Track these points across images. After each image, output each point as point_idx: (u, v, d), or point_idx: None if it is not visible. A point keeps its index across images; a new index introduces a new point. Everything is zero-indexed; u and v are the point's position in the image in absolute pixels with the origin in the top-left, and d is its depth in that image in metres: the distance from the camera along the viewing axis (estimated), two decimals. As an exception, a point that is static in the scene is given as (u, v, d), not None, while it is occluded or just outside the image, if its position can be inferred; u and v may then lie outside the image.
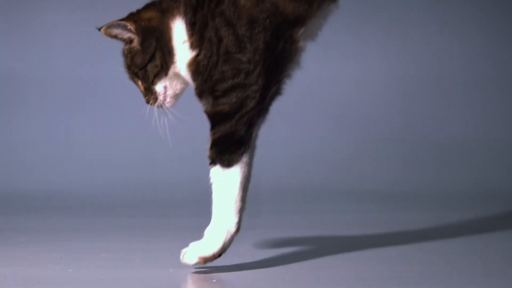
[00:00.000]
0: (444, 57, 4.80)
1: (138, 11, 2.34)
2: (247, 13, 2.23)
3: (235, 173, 2.22)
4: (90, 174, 4.42)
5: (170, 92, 2.33)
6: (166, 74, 2.31)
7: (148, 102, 2.35)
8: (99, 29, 2.32)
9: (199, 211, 2.37)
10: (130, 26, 2.30)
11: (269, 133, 2.38)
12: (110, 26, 2.32)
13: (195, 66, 2.26)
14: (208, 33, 2.25)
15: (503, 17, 4.85)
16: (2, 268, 2.40)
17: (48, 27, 4.75)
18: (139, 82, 2.35)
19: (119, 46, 2.42)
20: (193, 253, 2.24)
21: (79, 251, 2.73)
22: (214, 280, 2.22)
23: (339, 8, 2.32)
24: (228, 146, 2.22)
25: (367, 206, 3.92)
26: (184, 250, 2.25)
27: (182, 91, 2.36)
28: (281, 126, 2.40)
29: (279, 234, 2.98)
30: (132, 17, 2.32)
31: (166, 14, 2.30)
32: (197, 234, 2.29)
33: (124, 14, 2.38)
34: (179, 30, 2.28)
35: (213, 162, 2.23)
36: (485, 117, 4.71)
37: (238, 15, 2.23)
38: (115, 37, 2.33)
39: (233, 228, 2.24)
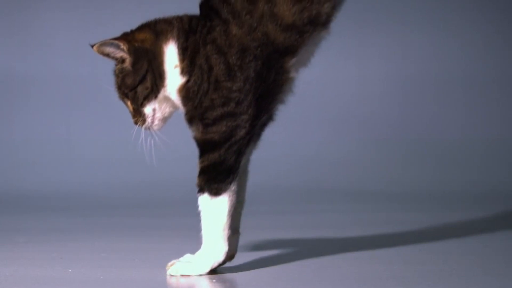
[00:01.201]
0: (444, 57, 4.80)
1: (132, 31, 2.32)
2: (238, 42, 2.22)
3: (223, 201, 2.22)
4: (90, 174, 4.42)
5: (158, 114, 2.31)
6: (155, 97, 2.29)
7: (136, 123, 2.33)
8: (92, 46, 2.31)
9: (199, 212, 2.37)
10: (123, 45, 2.28)
11: (269, 133, 2.39)
12: (103, 44, 2.30)
13: (185, 92, 2.26)
14: (199, 60, 2.24)
15: (502, 18, 4.85)
16: (2, 268, 2.40)
17: (48, 27, 4.76)
18: (128, 103, 2.33)
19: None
20: (179, 269, 2.25)
21: (79, 251, 2.74)
22: (214, 280, 2.22)
23: (331, 34, 2.32)
24: (217, 175, 2.22)
25: (367, 206, 3.92)
26: (171, 263, 2.26)
27: (171, 114, 2.34)
28: (281, 127, 2.41)
29: (279, 234, 2.98)
30: (126, 37, 2.30)
31: (159, 37, 2.28)
32: (197, 234, 2.29)
33: (123, 14, 2.37)
34: (171, 54, 2.27)
35: (201, 190, 2.23)
36: (485, 117, 4.72)
37: (230, 44, 2.22)
38: (107, 55, 2.31)
39: (221, 258, 2.25)
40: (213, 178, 2.22)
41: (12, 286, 2.18)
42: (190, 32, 2.27)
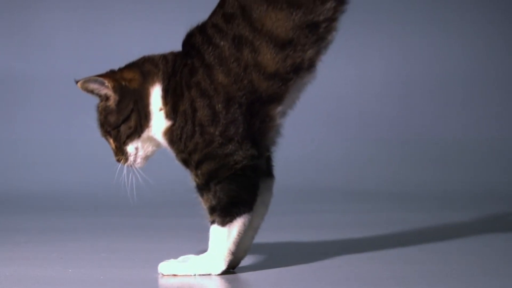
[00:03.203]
0: (444, 57, 4.80)
1: (120, 70, 2.31)
2: (224, 90, 2.22)
3: (229, 231, 2.22)
4: (90, 174, 4.42)
5: (141, 153, 2.32)
6: (139, 136, 2.29)
7: (118, 161, 2.33)
8: (76, 82, 2.29)
9: (199, 212, 2.37)
10: (107, 83, 2.27)
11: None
12: (87, 80, 2.29)
13: (169, 135, 2.26)
14: (183, 105, 2.23)
15: (502, 18, 4.85)
16: (2, 268, 2.40)
17: (48, 27, 4.75)
18: (111, 140, 2.33)
19: (119, 46, 2.42)
20: (173, 267, 2.26)
21: (79, 251, 2.74)
22: (213, 280, 2.22)
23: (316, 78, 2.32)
24: (222, 211, 2.22)
25: (366, 206, 3.92)
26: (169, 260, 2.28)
27: (153, 153, 2.34)
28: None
29: (279, 234, 2.98)
30: (113, 75, 2.29)
31: (147, 78, 2.28)
32: (197, 234, 2.29)
33: (123, 14, 2.37)
34: (156, 97, 2.27)
35: (213, 223, 2.24)
36: (485, 117, 4.72)
37: (215, 88, 2.22)
38: (91, 92, 2.30)
39: (216, 273, 2.24)
40: (220, 213, 2.22)
41: (12, 286, 2.18)
42: (172, 75, 2.27)
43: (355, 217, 3.56)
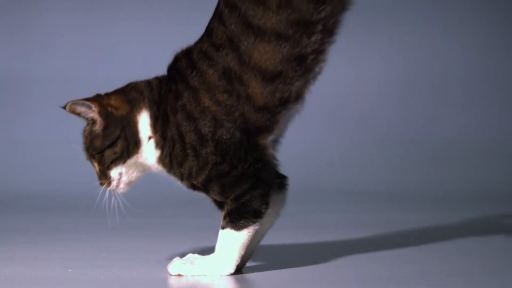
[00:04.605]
0: (444, 57, 4.80)
1: (108, 95, 2.31)
2: (212, 115, 2.21)
3: (242, 237, 2.23)
4: (90, 174, 4.41)
5: (124, 178, 2.32)
6: (124, 162, 2.29)
7: (101, 185, 2.34)
8: (64, 107, 2.31)
9: (199, 212, 2.37)
10: (94, 107, 2.28)
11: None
12: (74, 103, 2.30)
13: (162, 163, 2.28)
14: (170, 131, 2.24)
15: (503, 18, 4.85)
16: (2, 268, 2.40)
17: (48, 27, 4.76)
18: (95, 164, 2.34)
19: (119, 46, 2.42)
20: (179, 268, 2.25)
21: (79, 251, 2.74)
22: (215, 280, 2.22)
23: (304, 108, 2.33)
24: (238, 216, 2.23)
25: (366, 206, 3.92)
26: (176, 260, 2.27)
27: (137, 179, 2.35)
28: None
29: (278, 235, 2.98)
30: (100, 100, 2.30)
31: (133, 106, 2.28)
32: (197, 234, 2.29)
33: (123, 14, 2.37)
34: (144, 124, 2.27)
35: (223, 228, 2.25)
36: (485, 117, 4.72)
37: (201, 111, 2.22)
38: (78, 115, 2.31)
39: (224, 274, 2.25)
40: (235, 218, 2.23)
41: (12, 286, 2.18)
42: (160, 103, 2.27)
43: (355, 217, 3.56)
